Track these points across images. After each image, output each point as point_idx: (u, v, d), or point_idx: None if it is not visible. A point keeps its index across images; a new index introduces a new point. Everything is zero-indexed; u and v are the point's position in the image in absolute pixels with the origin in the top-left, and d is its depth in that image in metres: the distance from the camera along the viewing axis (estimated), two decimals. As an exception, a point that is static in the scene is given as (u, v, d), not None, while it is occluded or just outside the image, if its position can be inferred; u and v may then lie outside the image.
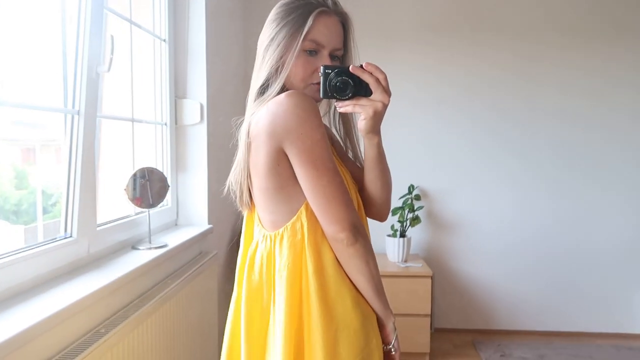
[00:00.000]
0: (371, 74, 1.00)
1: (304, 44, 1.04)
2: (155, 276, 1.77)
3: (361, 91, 1.01)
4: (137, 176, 1.75)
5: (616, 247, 3.22)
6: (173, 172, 2.27)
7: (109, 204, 1.91)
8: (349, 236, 0.97)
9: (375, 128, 1.05)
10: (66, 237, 1.50)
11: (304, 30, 1.03)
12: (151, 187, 1.80)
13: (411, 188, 3.18)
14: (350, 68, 1.00)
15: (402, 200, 3.13)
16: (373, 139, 1.08)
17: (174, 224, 2.29)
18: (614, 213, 3.22)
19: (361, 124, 1.05)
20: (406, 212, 3.08)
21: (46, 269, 1.37)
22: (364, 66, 1.01)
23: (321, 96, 1.02)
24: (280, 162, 1.00)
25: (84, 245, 1.55)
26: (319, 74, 1.02)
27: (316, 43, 1.05)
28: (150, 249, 1.77)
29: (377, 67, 1.01)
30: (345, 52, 1.12)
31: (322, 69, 1.01)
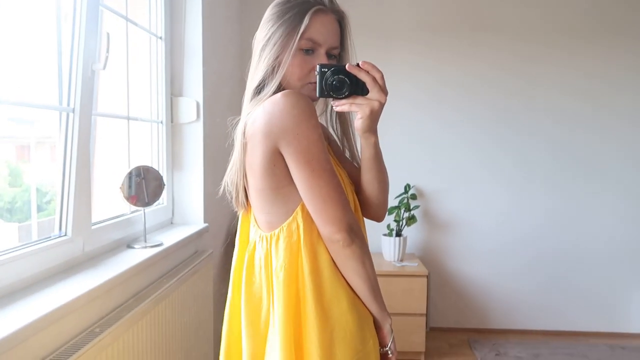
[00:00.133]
0: (368, 72, 1.00)
1: (300, 42, 1.03)
2: (150, 275, 1.76)
3: (358, 90, 1.01)
4: (132, 174, 1.74)
5: (610, 246, 3.24)
6: (169, 170, 2.26)
7: (104, 203, 1.90)
8: (345, 237, 0.97)
9: (372, 127, 1.04)
10: (61, 236, 1.49)
11: (300, 29, 1.02)
12: (147, 186, 1.79)
13: (407, 187, 3.18)
14: (346, 67, 1.00)
15: (398, 200, 3.13)
16: (370, 138, 1.07)
17: (170, 223, 2.28)
18: (608, 213, 3.23)
19: (358, 123, 1.04)
20: (402, 211, 3.09)
21: (40, 267, 1.36)
22: (360, 65, 1.00)
23: (317, 95, 1.01)
24: (276, 163, 0.99)
25: (78, 244, 1.54)
26: (316, 73, 1.01)
27: (313, 42, 1.04)
28: (146, 247, 1.76)
29: (373, 66, 1.00)
30: (342, 50, 1.11)
31: (318, 67, 1.01)
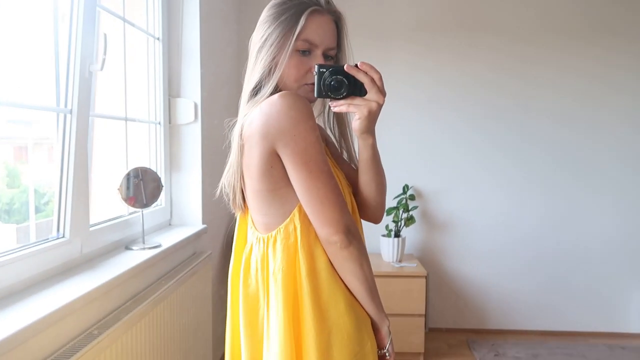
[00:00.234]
0: (366, 73, 0.99)
1: (296, 43, 1.02)
2: (148, 277, 1.75)
3: (356, 91, 1.00)
4: (130, 176, 1.73)
5: (609, 246, 3.24)
6: (167, 171, 2.25)
7: (102, 204, 1.90)
8: (342, 239, 0.96)
9: (369, 128, 1.04)
10: (59, 238, 1.49)
11: (296, 30, 1.01)
12: (145, 187, 1.79)
13: (406, 188, 3.18)
14: (345, 67, 0.99)
15: (396, 200, 3.13)
16: (367, 139, 1.06)
17: (168, 224, 2.28)
18: (606, 213, 3.23)
19: (355, 124, 1.03)
20: (400, 212, 3.08)
21: (38, 269, 1.36)
22: (358, 65, 1.00)
23: (315, 95, 1.01)
24: (273, 164, 0.99)
25: (76, 245, 1.54)
26: (313, 73, 1.01)
27: (309, 43, 1.03)
28: (144, 249, 1.76)
29: (372, 67, 1.00)
30: (339, 51, 1.10)
31: (316, 67, 1.00)
